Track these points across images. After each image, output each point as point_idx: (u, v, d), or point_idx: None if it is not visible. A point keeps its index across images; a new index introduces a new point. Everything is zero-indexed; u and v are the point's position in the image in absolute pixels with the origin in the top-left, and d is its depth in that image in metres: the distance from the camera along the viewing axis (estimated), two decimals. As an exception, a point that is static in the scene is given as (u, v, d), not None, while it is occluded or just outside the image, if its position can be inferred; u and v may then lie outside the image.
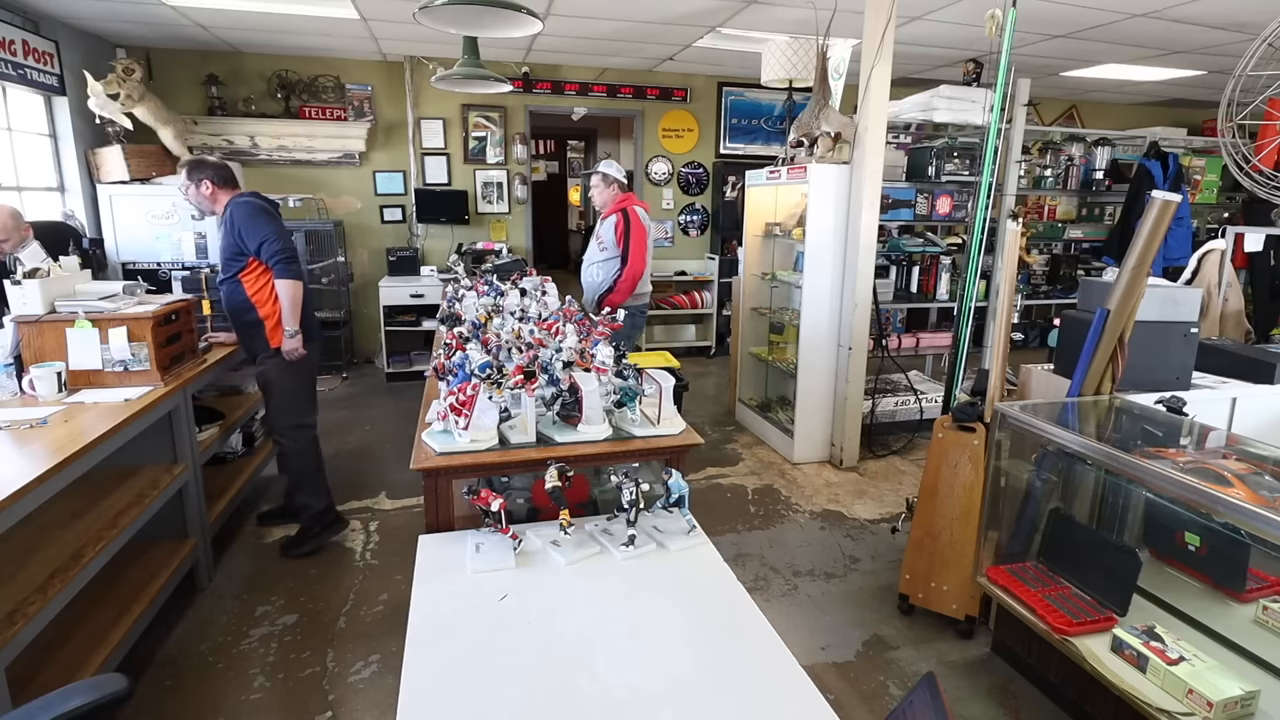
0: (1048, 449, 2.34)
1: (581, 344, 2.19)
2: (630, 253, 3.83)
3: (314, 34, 5.12)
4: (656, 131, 6.81)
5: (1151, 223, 2.22)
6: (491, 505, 1.53)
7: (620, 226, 3.84)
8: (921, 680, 1.06)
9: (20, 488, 1.73)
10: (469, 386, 1.79)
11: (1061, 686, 2.22)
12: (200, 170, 2.91)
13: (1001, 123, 2.73)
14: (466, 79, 3.88)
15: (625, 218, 3.84)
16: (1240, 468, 1.85)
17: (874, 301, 4.12)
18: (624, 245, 3.83)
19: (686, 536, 1.57)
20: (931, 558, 2.62)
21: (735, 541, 3.30)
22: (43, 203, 4.67)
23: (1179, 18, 4.36)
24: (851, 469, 4.18)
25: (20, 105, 4.47)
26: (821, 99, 3.98)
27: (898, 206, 4.57)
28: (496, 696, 1.09)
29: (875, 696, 2.31)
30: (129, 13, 4.51)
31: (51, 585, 1.94)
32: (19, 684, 1.89)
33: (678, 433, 1.93)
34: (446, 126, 6.25)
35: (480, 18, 2.88)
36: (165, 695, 2.25)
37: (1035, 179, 5.31)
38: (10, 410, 2.29)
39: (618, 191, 3.96)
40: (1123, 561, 2.13)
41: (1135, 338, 2.36)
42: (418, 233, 6.36)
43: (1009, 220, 2.77)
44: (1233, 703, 1.72)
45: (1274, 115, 3.04)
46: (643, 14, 4.62)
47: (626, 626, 1.26)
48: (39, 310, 2.48)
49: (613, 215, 3.90)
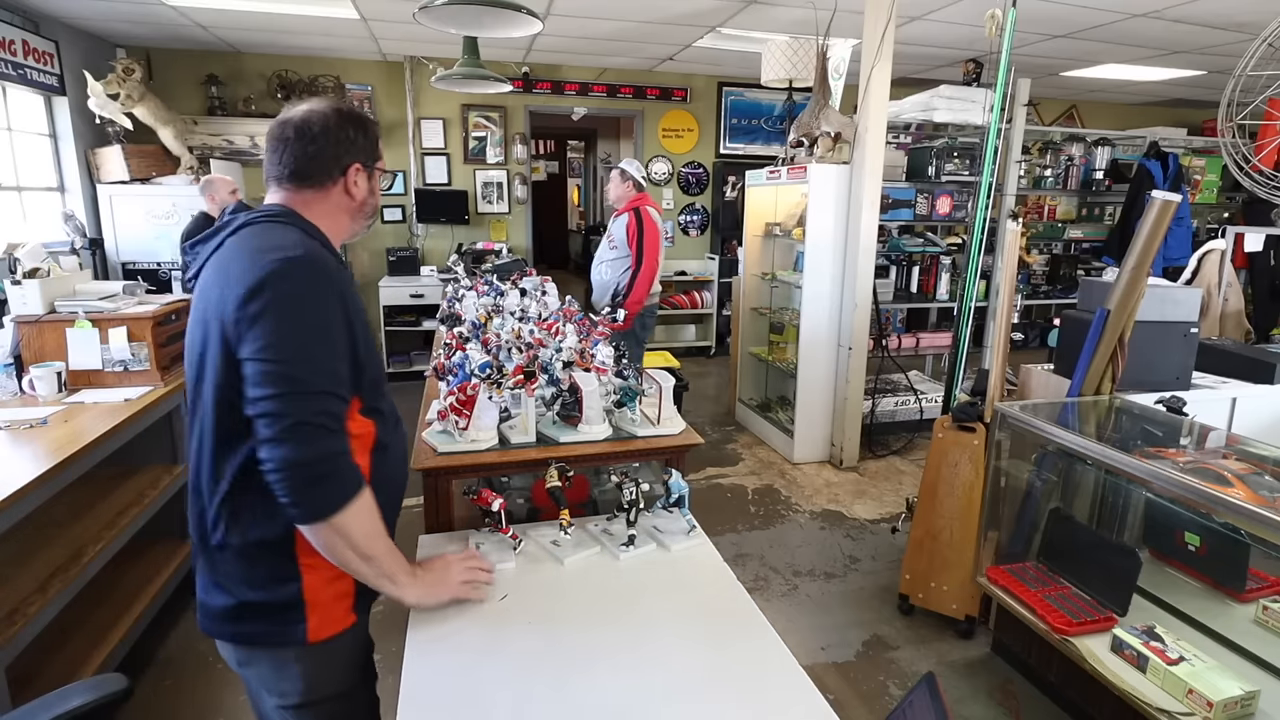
0: (1048, 449, 2.34)
1: (581, 344, 2.19)
2: (645, 254, 3.82)
3: (314, 34, 5.12)
4: (656, 131, 6.81)
5: (1151, 223, 2.22)
6: (491, 505, 1.53)
7: (632, 227, 3.84)
8: (921, 680, 1.06)
9: (20, 488, 1.73)
10: (469, 386, 1.79)
11: (1061, 686, 2.22)
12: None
13: (1001, 123, 2.73)
14: (466, 79, 3.89)
15: (638, 218, 3.83)
16: (1240, 468, 1.85)
17: (874, 301, 4.12)
18: (637, 246, 3.82)
19: (686, 536, 1.57)
20: (931, 558, 2.62)
21: (735, 541, 3.30)
22: (43, 203, 4.67)
23: (1179, 18, 4.35)
24: (851, 469, 4.18)
25: (20, 105, 4.47)
26: (821, 99, 3.98)
27: (898, 206, 4.57)
28: (496, 697, 1.09)
29: (875, 696, 2.31)
30: (129, 13, 4.51)
31: (51, 585, 1.94)
32: (19, 684, 1.89)
33: (678, 433, 1.93)
34: (446, 126, 6.25)
35: (480, 18, 2.88)
36: (165, 695, 2.25)
37: (1035, 179, 5.31)
38: (10, 410, 2.28)
39: (633, 190, 3.96)
40: (1123, 561, 2.13)
41: (1135, 338, 2.36)
42: (418, 233, 6.36)
43: (1009, 220, 2.77)
44: (1233, 703, 1.72)
45: (1274, 115, 3.04)
46: (643, 14, 4.62)
47: (626, 626, 1.26)
48: (39, 310, 2.48)
49: (625, 215, 3.90)
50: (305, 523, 1.10)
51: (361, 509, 1.12)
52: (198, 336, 1.17)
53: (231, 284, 1.10)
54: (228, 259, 1.15)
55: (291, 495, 1.06)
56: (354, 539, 1.12)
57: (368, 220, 1.35)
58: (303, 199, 1.23)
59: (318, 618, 1.19)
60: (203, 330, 1.15)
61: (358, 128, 1.26)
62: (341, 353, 1.14)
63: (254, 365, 1.07)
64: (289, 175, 1.22)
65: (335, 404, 1.11)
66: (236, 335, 1.08)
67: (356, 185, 1.27)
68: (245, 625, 1.19)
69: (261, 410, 1.06)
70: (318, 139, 1.21)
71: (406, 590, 1.23)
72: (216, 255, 1.19)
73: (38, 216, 4.56)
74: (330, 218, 1.26)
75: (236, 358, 1.09)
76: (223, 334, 1.10)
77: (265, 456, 1.06)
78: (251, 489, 1.11)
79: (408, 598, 1.24)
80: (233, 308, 1.08)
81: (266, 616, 1.18)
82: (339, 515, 1.09)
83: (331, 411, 1.10)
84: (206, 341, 1.13)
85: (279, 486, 1.06)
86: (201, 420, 1.16)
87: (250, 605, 1.17)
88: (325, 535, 1.11)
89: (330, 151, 1.22)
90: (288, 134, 1.21)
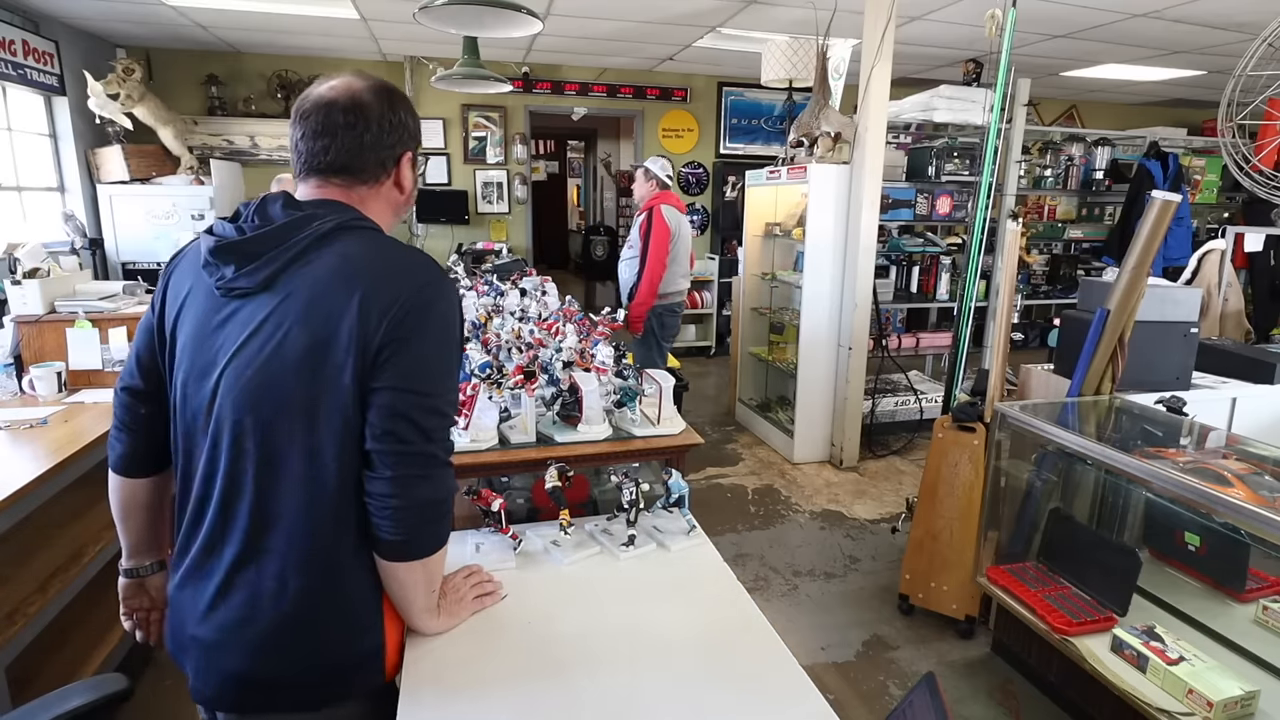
0: (1048, 449, 2.34)
1: (581, 344, 2.19)
2: (649, 254, 3.77)
3: (314, 34, 5.12)
4: (656, 131, 6.81)
5: (1151, 223, 2.22)
6: (491, 505, 1.53)
7: (644, 226, 3.85)
8: (921, 680, 1.06)
9: (20, 488, 1.73)
10: (469, 386, 1.79)
11: (1061, 686, 2.22)
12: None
13: (1001, 123, 2.73)
14: (466, 79, 3.89)
15: (649, 217, 3.83)
16: (1240, 468, 1.85)
17: (874, 301, 4.12)
18: (644, 245, 3.80)
19: (686, 536, 1.57)
20: (931, 558, 2.62)
21: (735, 541, 3.30)
22: (43, 203, 4.67)
23: (1179, 18, 4.35)
24: (851, 469, 4.18)
25: (20, 105, 4.47)
26: (821, 99, 3.98)
27: (898, 206, 4.57)
28: (496, 696, 1.08)
29: (875, 696, 2.31)
30: (129, 13, 4.51)
31: (51, 585, 1.94)
32: (19, 684, 1.89)
33: (678, 433, 1.93)
34: (446, 126, 6.25)
35: (480, 18, 2.88)
36: (165, 695, 2.25)
37: (1035, 179, 5.31)
38: (10, 410, 2.29)
39: (655, 188, 3.96)
40: (1123, 561, 2.13)
41: (1135, 338, 2.36)
42: (418, 233, 6.36)
43: (1009, 220, 2.77)
44: (1233, 703, 1.72)
45: (1274, 115, 3.04)
46: (643, 14, 4.62)
47: (626, 626, 1.26)
48: (39, 310, 2.48)
49: (643, 213, 3.92)
50: (407, 559, 1.01)
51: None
52: (297, 356, 0.96)
53: (373, 302, 0.95)
54: (348, 272, 0.98)
55: (408, 534, 0.98)
56: (435, 572, 1.07)
57: (406, 213, 1.20)
58: (357, 196, 1.07)
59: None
60: (310, 350, 0.96)
61: (408, 110, 1.10)
62: (458, 379, 1.06)
63: (398, 395, 0.95)
64: (340, 168, 1.04)
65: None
66: (376, 360, 0.95)
67: (406, 177, 1.11)
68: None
69: (398, 448, 0.95)
70: (372, 126, 1.04)
71: (438, 621, 1.17)
72: (311, 263, 0.99)
73: (38, 216, 4.56)
74: (380, 215, 1.09)
75: (369, 384, 0.96)
76: (360, 358, 0.95)
77: (390, 492, 0.95)
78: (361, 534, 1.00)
79: (437, 627, 1.17)
80: (380, 330, 0.95)
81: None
82: (439, 552, 1.04)
83: (454, 445, 1.04)
84: (315, 364, 0.95)
85: (396, 525, 0.96)
86: (281, 452, 0.97)
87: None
88: (415, 572, 1.03)
89: (387, 139, 1.06)
90: (336, 119, 1.02)
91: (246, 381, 0.97)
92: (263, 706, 1.03)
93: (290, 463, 0.97)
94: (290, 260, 0.99)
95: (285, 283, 0.98)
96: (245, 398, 0.97)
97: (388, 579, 1.04)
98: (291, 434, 0.97)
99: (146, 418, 1.15)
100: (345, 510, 0.99)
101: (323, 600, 1.00)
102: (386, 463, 0.95)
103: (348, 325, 0.95)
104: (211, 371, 1.00)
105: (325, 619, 1.01)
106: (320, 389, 0.96)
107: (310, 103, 1.04)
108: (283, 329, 0.97)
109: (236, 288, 1.00)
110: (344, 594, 1.02)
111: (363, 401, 0.96)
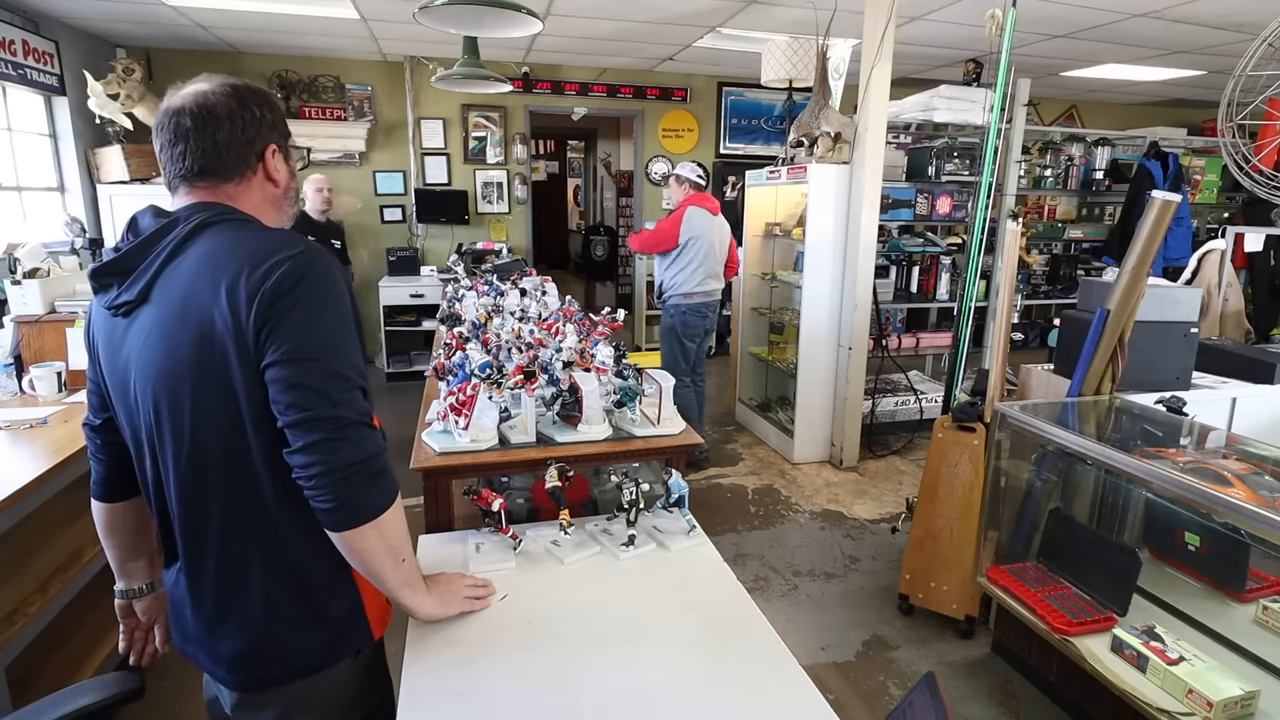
0: (1047, 449, 2.34)
1: (581, 344, 2.19)
2: (656, 225, 4.06)
3: (314, 34, 5.12)
4: (656, 131, 6.81)
5: (1151, 223, 2.22)
6: (491, 505, 1.53)
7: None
8: (921, 680, 1.06)
9: (20, 488, 1.73)
10: (469, 386, 1.79)
11: (1061, 686, 2.22)
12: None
13: (1001, 123, 2.73)
14: (466, 79, 3.89)
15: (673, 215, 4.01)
16: (1240, 468, 1.85)
17: (874, 301, 4.12)
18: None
19: (686, 536, 1.57)
20: (931, 558, 2.62)
21: (735, 541, 3.30)
22: (43, 203, 4.67)
23: (1179, 18, 4.35)
24: (851, 469, 4.18)
25: (20, 105, 4.47)
26: (821, 99, 3.98)
27: (898, 206, 4.57)
28: (496, 696, 1.09)
29: (875, 696, 2.31)
30: (129, 13, 4.51)
31: (51, 585, 1.94)
32: (19, 684, 1.89)
33: (677, 433, 1.93)
34: (446, 126, 6.25)
35: (480, 18, 2.88)
36: (165, 695, 2.25)
37: (1035, 179, 5.31)
38: (10, 410, 2.29)
39: (688, 190, 4.03)
40: (1123, 561, 2.13)
41: (1135, 338, 2.36)
42: (418, 233, 6.36)
43: (1009, 220, 2.77)
44: (1233, 703, 1.72)
45: (1274, 115, 3.04)
46: (643, 14, 4.62)
47: (626, 627, 1.26)
48: (39, 310, 2.48)
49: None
50: (350, 527, 1.00)
51: (399, 504, 1.05)
52: (185, 356, 0.98)
53: (239, 287, 0.96)
54: (212, 264, 0.99)
55: (340, 499, 0.98)
56: (393, 538, 1.05)
57: (293, 207, 1.19)
58: (225, 195, 1.07)
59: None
60: (194, 348, 0.98)
61: (262, 103, 1.09)
62: (358, 344, 1.06)
63: (290, 367, 0.95)
64: (200, 171, 1.04)
65: (366, 399, 1.03)
66: (257, 341, 0.96)
67: (277, 170, 1.11)
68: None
69: (305, 416, 0.96)
70: (223, 124, 1.03)
71: (425, 599, 1.18)
72: (179, 264, 1.00)
73: (38, 216, 4.56)
74: (258, 211, 1.10)
75: (261, 364, 0.97)
76: (238, 344, 0.96)
77: (310, 461, 0.96)
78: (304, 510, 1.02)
79: (425, 607, 1.19)
80: (251, 312, 0.95)
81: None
82: (386, 513, 1.03)
83: (368, 407, 1.03)
84: (201, 361, 0.98)
85: (326, 493, 0.97)
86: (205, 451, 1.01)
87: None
88: (368, 538, 1.02)
89: (242, 136, 1.05)
90: (185, 125, 1.02)
91: (154, 392, 1.01)
92: (265, 681, 1.10)
93: (217, 458, 1.02)
94: (161, 265, 1.01)
95: (160, 288, 1.01)
96: (160, 407, 1.02)
97: (348, 554, 1.05)
98: (209, 431, 1.01)
99: (110, 446, 1.19)
100: (281, 492, 1.02)
101: (285, 578, 1.07)
102: (297, 434, 0.97)
103: (220, 314, 0.97)
104: (129, 391, 1.05)
105: (294, 594, 1.08)
106: (219, 382, 0.98)
107: (161, 114, 1.05)
108: (169, 334, 0.99)
109: (122, 304, 1.03)
110: (302, 568, 1.07)
111: (262, 384, 0.98)
